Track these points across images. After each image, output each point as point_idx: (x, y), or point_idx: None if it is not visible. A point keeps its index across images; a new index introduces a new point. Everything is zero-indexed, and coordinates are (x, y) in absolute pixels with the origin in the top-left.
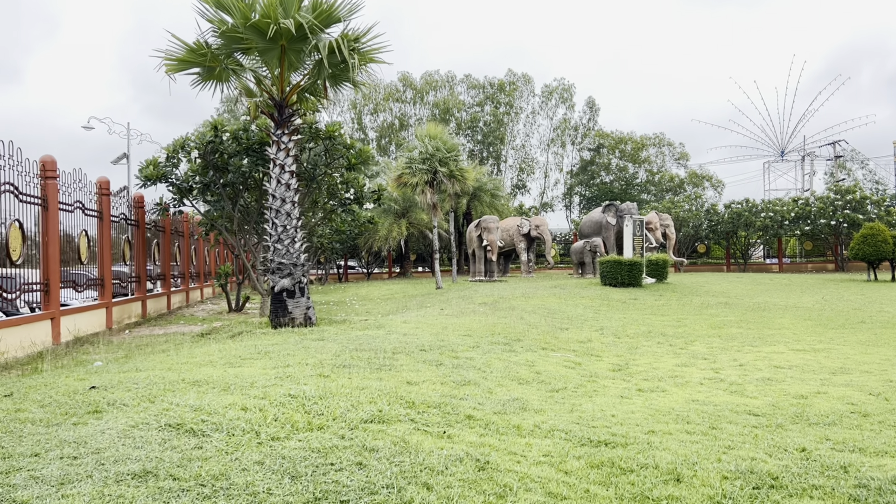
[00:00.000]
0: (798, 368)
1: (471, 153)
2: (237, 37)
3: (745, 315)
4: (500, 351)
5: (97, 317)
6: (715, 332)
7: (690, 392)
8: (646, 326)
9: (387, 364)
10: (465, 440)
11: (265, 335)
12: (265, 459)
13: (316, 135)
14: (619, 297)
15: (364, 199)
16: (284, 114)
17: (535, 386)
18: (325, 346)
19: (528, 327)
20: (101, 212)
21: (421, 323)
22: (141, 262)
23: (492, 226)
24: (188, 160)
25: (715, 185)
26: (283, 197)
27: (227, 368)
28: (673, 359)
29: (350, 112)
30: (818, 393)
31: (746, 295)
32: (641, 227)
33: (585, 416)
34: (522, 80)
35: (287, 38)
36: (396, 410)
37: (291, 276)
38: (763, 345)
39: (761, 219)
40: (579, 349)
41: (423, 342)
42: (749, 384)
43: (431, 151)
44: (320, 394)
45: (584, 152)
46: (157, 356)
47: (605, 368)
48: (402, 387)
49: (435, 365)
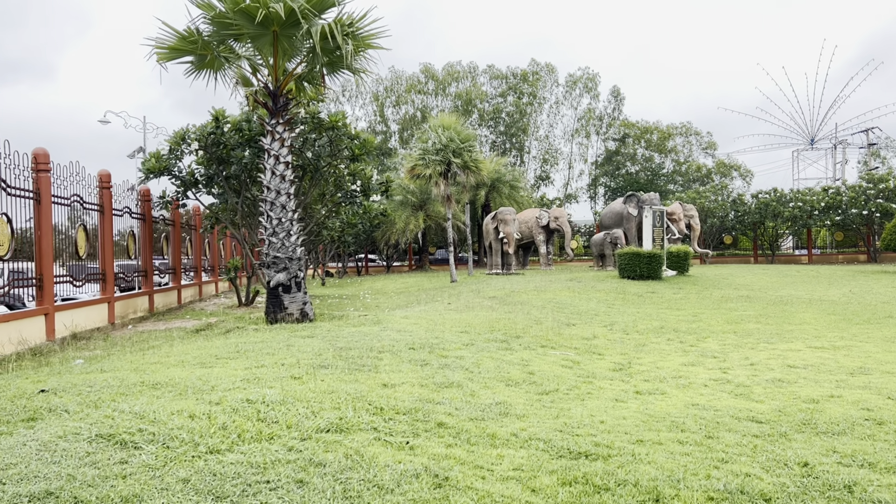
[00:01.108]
0: (813, 368)
1: (493, 144)
2: (227, 22)
3: (766, 309)
4: (494, 349)
5: (98, 312)
6: (731, 327)
7: (692, 395)
8: (658, 322)
9: (368, 364)
10: (428, 452)
11: (257, 332)
12: (193, 477)
13: (319, 125)
14: (636, 291)
15: (371, 191)
16: (279, 103)
17: (524, 388)
18: (311, 345)
19: (533, 323)
20: (102, 205)
21: (421, 318)
22: (147, 256)
23: (508, 218)
24: (190, 152)
25: (743, 174)
26: (277, 189)
27: (196, 369)
28: (680, 357)
29: (372, 104)
30: (831, 396)
31: (770, 288)
32: (662, 219)
33: (571, 422)
34: (546, 69)
35: (279, 24)
36: (361, 418)
37: (287, 270)
38: (780, 341)
39: (790, 209)
40: (581, 347)
41: (415, 339)
42: (757, 386)
43: (445, 142)
44: (282, 399)
45: (608, 142)
46: (133, 355)
47: (605, 368)
48: (375, 390)
49: (420, 365)
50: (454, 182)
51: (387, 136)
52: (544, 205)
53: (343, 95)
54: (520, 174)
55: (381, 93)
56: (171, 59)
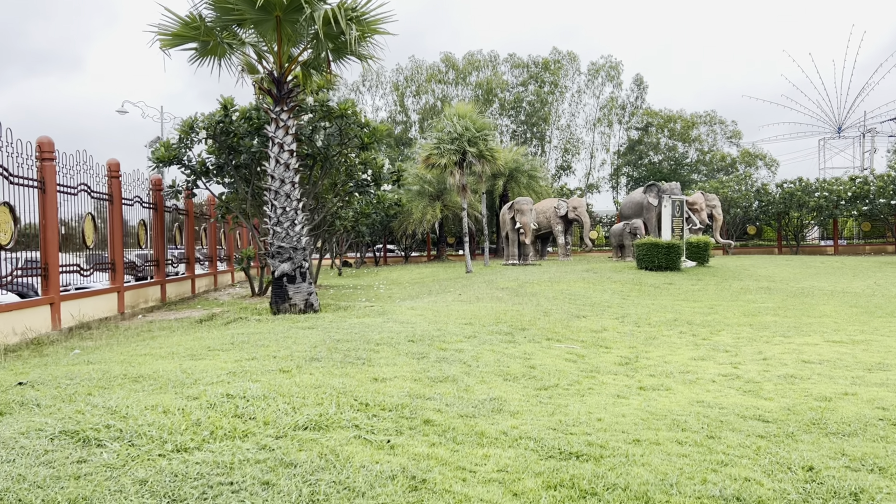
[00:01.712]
0: (829, 363)
1: (513, 134)
2: (229, 7)
3: (786, 301)
4: (497, 342)
5: (107, 301)
6: (747, 320)
7: (697, 391)
8: (673, 314)
9: (363, 357)
10: (409, 452)
11: (259, 322)
12: (152, 478)
13: (328, 113)
14: (653, 282)
15: (382, 181)
16: (283, 90)
17: (522, 383)
18: (309, 336)
19: (541, 315)
20: (111, 194)
21: (428, 309)
22: (159, 246)
23: (525, 208)
24: (199, 141)
25: (769, 163)
26: (282, 177)
27: (184, 361)
28: (690, 351)
29: (392, 94)
30: (845, 394)
31: (792, 279)
32: (681, 209)
33: (567, 419)
34: (568, 58)
35: (281, 9)
36: (343, 414)
37: (291, 260)
38: (797, 335)
39: (815, 199)
40: (589, 339)
41: (416, 331)
42: (767, 382)
43: (460, 131)
44: (264, 393)
45: (631, 132)
46: (128, 346)
47: (610, 362)
48: (364, 385)
49: (417, 358)
50: (470, 172)
51: (407, 126)
52: (564, 195)
53: (363, 85)
54: (539, 164)
55: (401, 82)
56: (175, 45)
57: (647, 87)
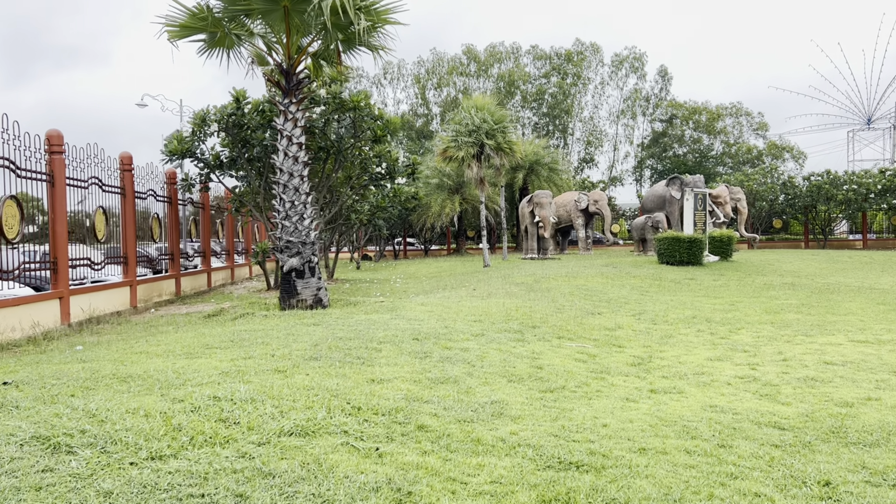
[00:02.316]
0: (853, 365)
1: (535, 126)
2: None
3: (810, 298)
4: (505, 340)
5: (118, 295)
6: (769, 317)
7: (711, 395)
8: (692, 311)
9: (364, 357)
10: (398, 460)
11: (266, 318)
12: (118, 489)
13: (341, 106)
14: (674, 277)
15: (396, 174)
16: (292, 81)
17: (527, 384)
18: (312, 333)
19: (554, 311)
20: (123, 188)
21: (439, 305)
22: (174, 239)
23: (544, 201)
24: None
25: (796, 156)
26: (290, 171)
27: (179, 360)
28: (707, 350)
29: (414, 87)
30: (868, 399)
31: (818, 274)
32: (704, 202)
33: (571, 425)
34: (591, 49)
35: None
36: (333, 419)
37: (300, 255)
38: (820, 334)
39: (843, 192)
40: (602, 338)
41: (422, 329)
42: (786, 385)
43: (478, 123)
44: (253, 395)
45: (655, 124)
46: (126, 343)
47: (622, 362)
48: (360, 386)
49: (420, 357)
50: (488, 164)
51: (428, 119)
52: (586, 188)
53: (385, 78)
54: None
55: (422, 75)
56: (183, 36)
57: (671, 78)
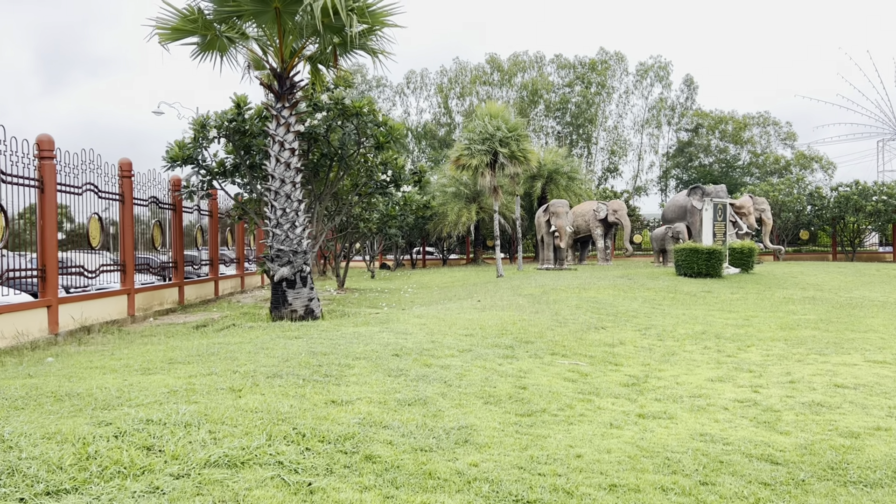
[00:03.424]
0: (865, 389)
1: (558, 135)
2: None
3: (830, 313)
4: (494, 356)
5: (115, 304)
6: (783, 334)
7: (704, 421)
8: (703, 326)
9: (333, 374)
10: (330, 498)
11: (251, 330)
12: None
13: (343, 111)
14: (690, 290)
15: (402, 181)
16: (285, 85)
17: (505, 407)
18: (290, 348)
19: (555, 325)
20: (122, 194)
21: (436, 317)
22: (178, 247)
23: (560, 210)
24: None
25: (825, 166)
26: (282, 177)
27: (132, 376)
28: (710, 370)
29: (437, 96)
30: (877, 429)
31: (842, 288)
32: (724, 212)
33: (541, 455)
34: (615, 58)
35: (280, 0)
36: (273, 447)
37: (291, 264)
38: (835, 353)
39: (873, 203)
40: (599, 355)
41: (408, 344)
42: (789, 411)
43: (492, 131)
44: (190, 419)
45: (681, 133)
46: (94, 356)
47: (615, 382)
48: (315, 409)
49: (394, 375)
50: (503, 173)
51: (451, 128)
52: (607, 197)
53: (408, 87)
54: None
55: (445, 84)
56: (174, 39)
57: (697, 87)
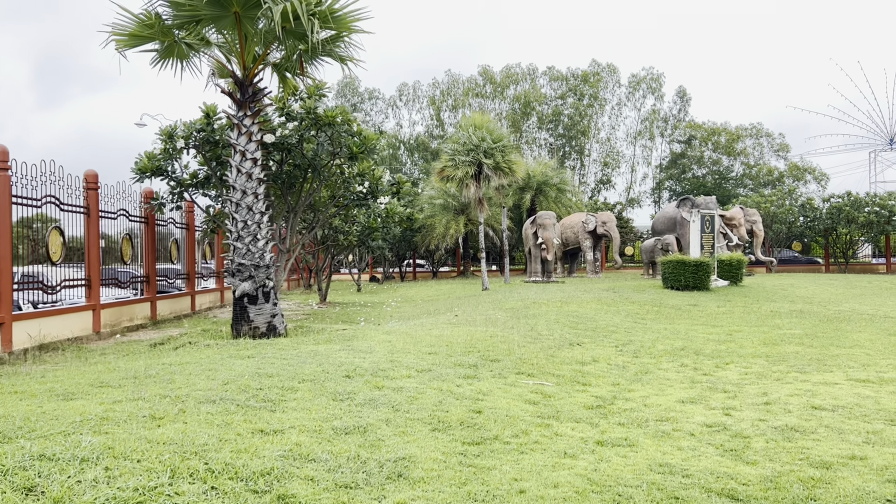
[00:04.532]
0: (844, 411)
1: (550, 147)
2: (181, 2)
3: (817, 327)
4: (454, 376)
5: (78, 320)
6: (765, 350)
7: (667, 449)
8: (683, 341)
9: (272, 399)
10: None
11: (207, 348)
12: None
13: (317, 121)
14: (676, 303)
15: (379, 193)
16: (247, 93)
17: (453, 434)
18: (235, 368)
19: (529, 341)
20: (87, 207)
21: (404, 334)
22: (149, 261)
23: (548, 222)
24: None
25: (818, 177)
26: (243, 188)
27: (50, 402)
28: (682, 390)
29: (429, 108)
30: (852, 458)
31: (832, 301)
32: (712, 224)
33: (480, 492)
34: (607, 70)
35: (239, 4)
36: (175, 486)
37: (253, 279)
38: (817, 370)
39: (865, 214)
40: (567, 374)
41: (364, 363)
42: (759, 437)
43: (476, 142)
44: (90, 454)
45: (674, 145)
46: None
47: (579, 404)
48: (239, 440)
49: (339, 399)
50: (488, 184)
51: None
52: (598, 209)
53: (400, 100)
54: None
55: (437, 97)
56: (132, 46)
57: (690, 99)
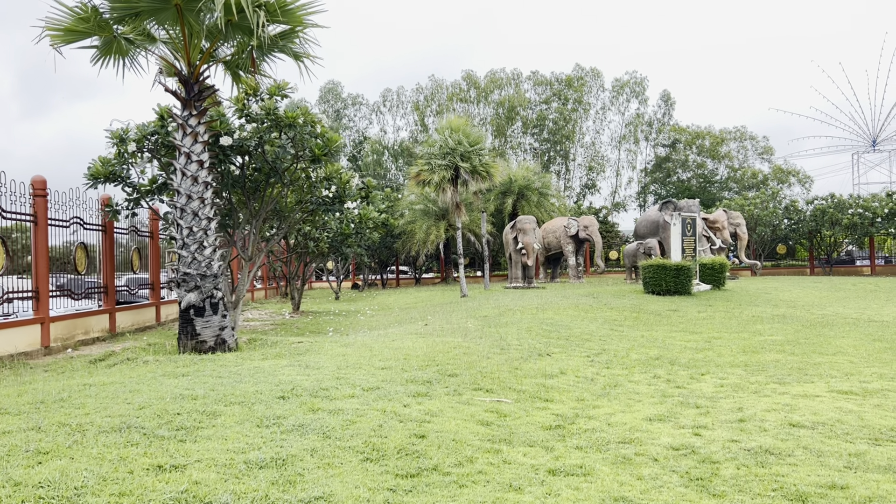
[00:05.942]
0: (824, 429)
1: (534, 152)
2: None
3: (799, 333)
4: (403, 394)
5: (23, 334)
6: (744, 358)
7: (625, 478)
8: (659, 350)
9: (188, 426)
10: None
11: (145, 365)
12: None
13: (277, 123)
14: (655, 309)
15: (347, 198)
16: (192, 91)
17: (387, 464)
18: (161, 389)
19: (495, 353)
20: (34, 214)
21: (363, 346)
22: (108, 270)
23: (528, 227)
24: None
25: (802, 180)
26: (189, 193)
27: None
28: (652, 405)
29: (413, 114)
30: (831, 488)
31: (816, 304)
32: (693, 227)
33: None
34: (591, 74)
35: None
36: None
37: (199, 289)
38: (798, 381)
39: (849, 216)
40: (530, 389)
41: (306, 382)
42: (730, 462)
43: (452, 146)
44: None
45: (658, 149)
46: None
47: (537, 424)
48: (129, 479)
49: (265, 425)
50: (467, 189)
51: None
52: (581, 213)
53: (384, 105)
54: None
55: (421, 102)
56: (69, 41)
57: (674, 102)
